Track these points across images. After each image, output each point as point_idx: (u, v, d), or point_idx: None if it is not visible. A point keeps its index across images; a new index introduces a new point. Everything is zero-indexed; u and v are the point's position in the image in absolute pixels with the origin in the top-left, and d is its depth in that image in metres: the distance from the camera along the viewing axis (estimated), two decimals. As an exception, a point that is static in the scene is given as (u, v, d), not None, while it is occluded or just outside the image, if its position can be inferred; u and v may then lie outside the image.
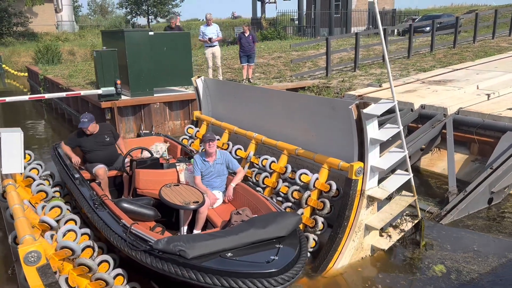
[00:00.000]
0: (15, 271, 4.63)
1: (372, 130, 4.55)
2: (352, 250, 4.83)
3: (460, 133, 7.47)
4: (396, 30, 24.80)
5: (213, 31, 11.80)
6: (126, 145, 6.51)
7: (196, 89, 7.59)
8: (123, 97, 9.58)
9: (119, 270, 4.26)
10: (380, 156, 4.76)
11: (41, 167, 5.68)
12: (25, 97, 9.53)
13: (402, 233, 5.01)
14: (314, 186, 4.96)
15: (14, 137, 4.72)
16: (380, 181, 4.88)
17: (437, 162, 7.69)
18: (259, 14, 32.53)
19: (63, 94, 10.46)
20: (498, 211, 6.16)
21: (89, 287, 3.98)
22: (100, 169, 5.86)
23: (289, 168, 5.43)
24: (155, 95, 10.01)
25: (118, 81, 9.11)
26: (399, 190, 5.04)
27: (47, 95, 10.60)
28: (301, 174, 5.16)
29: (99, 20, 41.38)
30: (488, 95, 8.61)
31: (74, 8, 40.81)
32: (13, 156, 4.73)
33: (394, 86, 9.89)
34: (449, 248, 5.19)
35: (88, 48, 29.04)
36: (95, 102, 9.79)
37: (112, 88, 9.14)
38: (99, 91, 9.18)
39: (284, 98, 6.13)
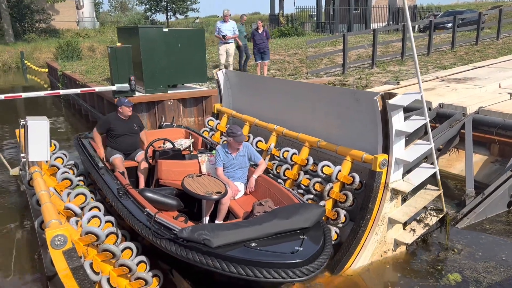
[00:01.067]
0: (41, 256, 4.71)
1: (398, 122, 4.48)
2: (375, 244, 4.77)
3: (479, 133, 7.20)
4: (416, 27, 24.43)
5: (229, 28, 11.64)
6: (146, 137, 6.58)
7: (217, 81, 7.60)
8: (137, 94, 9.60)
9: (142, 258, 4.30)
10: (405, 149, 4.68)
11: (66, 157, 5.77)
12: (41, 93, 9.60)
13: (427, 228, 4.93)
14: (336, 178, 4.91)
15: (40, 125, 4.79)
16: (404, 174, 4.81)
17: (454, 163, 7.47)
18: (277, 10, 32.42)
19: (78, 91, 10.53)
20: None
21: (112, 273, 4.02)
22: (117, 159, 5.98)
23: (311, 161, 5.39)
24: (169, 91, 10.02)
25: (132, 78, 9.09)
26: (424, 184, 4.95)
27: (62, 91, 10.68)
28: (323, 166, 5.11)
29: (119, 17, 41.83)
30: (511, 94, 8.37)
31: (95, 5, 41.38)
32: (39, 144, 4.80)
33: (412, 85, 9.82)
34: (466, 254, 5.02)
35: (108, 44, 29.39)
36: (110, 98, 9.82)
37: (126, 85, 9.11)
38: (114, 88, 9.18)
39: (306, 89, 6.08)
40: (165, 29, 9.97)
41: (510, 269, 4.69)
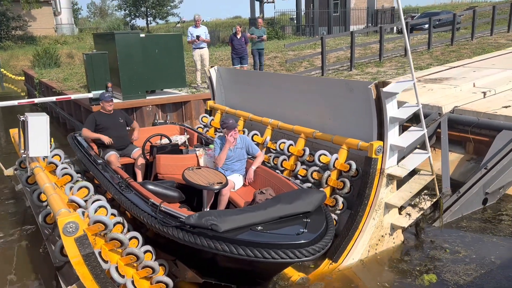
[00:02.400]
0: (46, 249, 4.72)
1: (392, 109, 4.67)
2: (373, 228, 4.93)
3: (455, 132, 7.21)
4: (395, 28, 24.99)
5: (201, 33, 11.57)
6: (141, 133, 6.64)
7: (210, 78, 7.71)
8: (114, 100, 9.40)
9: (148, 247, 4.36)
10: (399, 136, 4.87)
11: (63, 154, 5.78)
12: (14, 102, 9.44)
13: (421, 212, 5.12)
14: (334, 166, 5.06)
15: (41, 121, 4.82)
16: (399, 161, 4.99)
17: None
18: (257, 14, 32.67)
19: (53, 99, 10.40)
20: (493, 212, 6.04)
21: (120, 262, 4.08)
22: (112, 156, 6.02)
23: (307, 151, 5.54)
24: (147, 97, 9.93)
25: (109, 84, 8.99)
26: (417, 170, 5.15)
27: (37, 100, 10.52)
28: (320, 155, 5.27)
29: (98, 23, 41.45)
30: (484, 93, 8.49)
31: (74, 11, 40.93)
32: (40, 140, 4.83)
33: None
34: (442, 253, 5.07)
35: (87, 51, 29.09)
36: (87, 106, 9.73)
37: (103, 91, 9.02)
38: (90, 95, 9.10)
39: (299, 82, 6.23)
40: (142, 35, 9.98)
41: (487, 267, 4.74)
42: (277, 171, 5.54)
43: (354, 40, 14.82)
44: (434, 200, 5.16)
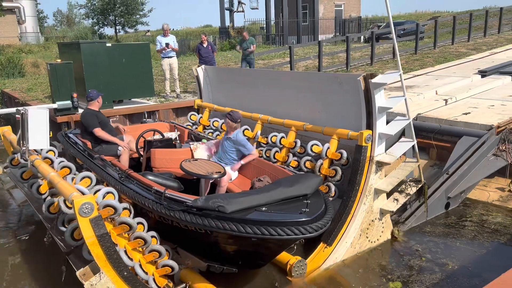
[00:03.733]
0: (50, 238, 4.75)
1: (380, 99, 5.01)
2: (363, 213, 5.23)
3: (419, 138, 6.95)
4: (362, 37, 25.88)
5: (170, 42, 11.54)
6: (128, 130, 6.86)
7: (197, 77, 7.90)
8: (80, 111, 8.98)
9: (152, 233, 4.47)
10: (386, 124, 5.21)
11: (57, 150, 5.80)
12: None
13: (408, 197, 5.47)
14: (326, 155, 5.35)
15: (41, 114, 4.87)
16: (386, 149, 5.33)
17: (397, 169, 7.77)
18: (227, 23, 33.09)
19: (14, 110, 10.16)
20: (456, 216, 6.18)
21: (127, 246, 4.18)
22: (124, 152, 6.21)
23: (298, 143, 5.81)
24: (114, 107, 9.86)
25: (75, 94, 8.89)
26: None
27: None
28: (312, 145, 5.55)
29: (65, 31, 40.69)
30: (446, 101, 8.67)
31: (39, 19, 40.05)
32: (39, 133, 4.88)
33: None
34: (406, 259, 5.16)
35: (53, 60, 28.43)
36: (51, 116, 9.41)
37: (68, 102, 8.89)
38: (55, 105, 8.98)
39: (287, 78, 6.50)
40: (108, 44, 9.92)
41: (451, 273, 4.85)
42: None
43: (322, 49, 15.26)
44: (420, 186, 5.51)
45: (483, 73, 11.08)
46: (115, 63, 9.85)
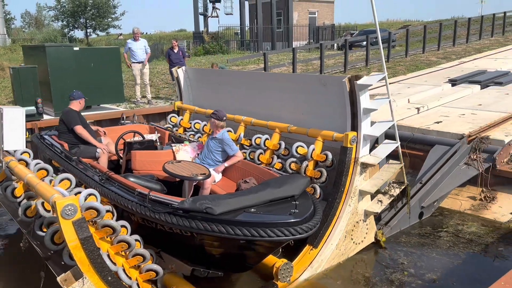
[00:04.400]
0: (27, 244, 4.51)
1: (365, 100, 5.03)
2: (349, 215, 5.22)
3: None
4: (335, 45, 26.25)
5: (140, 47, 11.30)
6: (108, 133, 6.70)
7: (177, 79, 7.77)
8: (45, 117, 8.96)
9: (136, 236, 4.30)
10: (371, 126, 5.24)
11: (31, 152, 5.56)
12: None
13: (392, 198, 5.50)
14: (311, 156, 5.33)
15: (17, 114, 4.67)
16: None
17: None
18: (202, 28, 32.96)
19: None
20: (431, 226, 6.13)
21: (110, 251, 4.01)
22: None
23: (283, 145, 5.77)
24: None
25: (39, 100, 8.51)
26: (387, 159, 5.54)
27: None
28: (297, 147, 5.52)
29: (33, 34, 39.49)
30: (418, 109, 8.70)
31: (6, 20, 38.73)
32: (15, 133, 4.69)
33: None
34: (389, 271, 5.11)
35: (20, 63, 27.53)
36: None
37: (33, 108, 8.50)
38: None
39: (271, 79, 6.47)
40: (76, 48, 9.70)
41: (427, 284, 4.84)
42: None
43: (296, 56, 15.36)
44: (403, 187, 5.56)
45: (454, 82, 11.32)
46: (83, 68, 9.55)
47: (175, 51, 11.86)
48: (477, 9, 32.05)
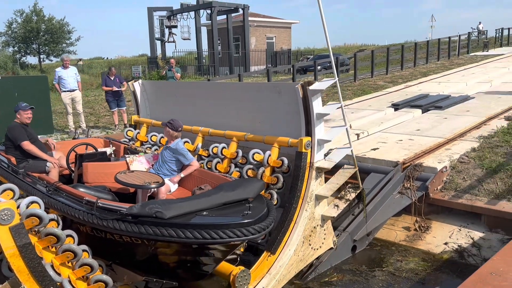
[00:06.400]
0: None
1: (318, 106, 5.09)
2: (306, 220, 5.18)
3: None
4: (290, 69, 26.79)
5: (71, 75, 10.97)
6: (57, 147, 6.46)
7: (133, 92, 7.61)
8: None
9: (84, 246, 4.07)
10: (324, 131, 5.29)
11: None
12: None
13: (348, 202, 5.52)
14: (267, 162, 5.30)
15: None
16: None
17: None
18: (158, 53, 32.91)
19: None
20: (365, 262, 5.71)
21: (55, 261, 3.76)
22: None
23: (240, 153, 5.72)
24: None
25: None
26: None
27: None
28: (254, 154, 5.48)
29: (-18, 60, 38.00)
30: (358, 135, 8.46)
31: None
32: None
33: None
34: None
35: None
36: None
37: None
38: None
39: (226, 90, 6.46)
40: None
41: None
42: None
43: (243, 81, 15.53)
44: (358, 191, 5.61)
45: (396, 106, 11.15)
46: (6, 98, 9.14)
47: (112, 78, 11.34)
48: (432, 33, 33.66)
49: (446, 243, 5.87)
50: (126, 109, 12.03)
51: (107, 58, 49.80)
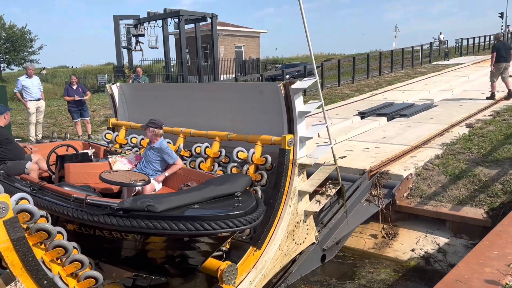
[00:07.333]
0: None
1: (299, 104, 5.27)
2: (289, 215, 5.32)
3: None
4: (259, 78, 27.09)
5: (35, 84, 10.77)
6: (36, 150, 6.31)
7: (111, 96, 7.55)
8: None
9: (73, 243, 4.03)
10: (306, 129, 5.47)
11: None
12: None
13: (329, 198, 5.71)
14: (251, 160, 5.41)
15: None
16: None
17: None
18: (125, 62, 32.51)
19: None
20: (335, 273, 5.79)
21: (45, 258, 3.71)
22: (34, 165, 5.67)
23: (223, 153, 5.81)
24: None
25: None
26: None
27: None
28: (238, 152, 5.58)
29: None
30: (326, 143, 7.95)
31: None
32: None
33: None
34: None
35: None
36: None
37: None
38: None
39: (208, 89, 6.50)
40: None
41: None
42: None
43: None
44: (338, 187, 5.81)
45: (363, 115, 11.42)
46: None
47: (74, 87, 10.95)
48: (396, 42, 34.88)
49: (413, 250, 6.05)
50: (90, 119, 11.77)
51: (72, 67, 48.73)
